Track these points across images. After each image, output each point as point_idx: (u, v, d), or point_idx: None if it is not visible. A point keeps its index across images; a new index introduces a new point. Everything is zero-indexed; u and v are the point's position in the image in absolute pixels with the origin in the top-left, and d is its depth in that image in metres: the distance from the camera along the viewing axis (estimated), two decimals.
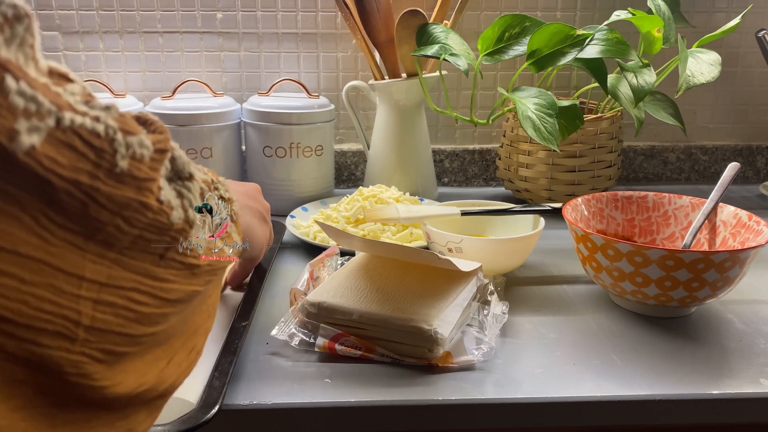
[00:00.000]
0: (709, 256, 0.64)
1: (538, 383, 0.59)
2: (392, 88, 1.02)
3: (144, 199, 0.32)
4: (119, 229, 0.31)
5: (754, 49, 1.18)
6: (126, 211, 0.31)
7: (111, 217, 0.31)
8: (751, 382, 0.60)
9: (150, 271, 0.34)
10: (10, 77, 0.26)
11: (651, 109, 0.99)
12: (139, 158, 0.32)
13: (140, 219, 0.32)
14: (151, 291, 0.34)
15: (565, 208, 0.77)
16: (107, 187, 0.30)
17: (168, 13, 1.12)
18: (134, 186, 0.32)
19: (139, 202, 0.32)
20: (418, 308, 0.62)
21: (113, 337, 0.33)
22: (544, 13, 1.16)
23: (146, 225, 0.33)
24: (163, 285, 0.35)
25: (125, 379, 0.34)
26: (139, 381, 0.36)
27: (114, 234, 0.31)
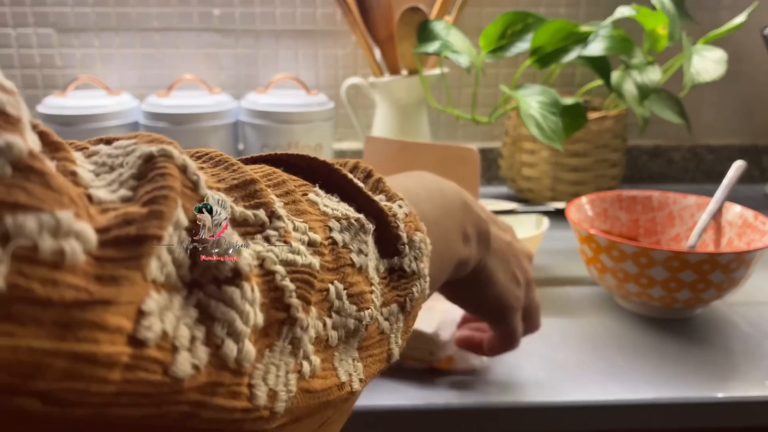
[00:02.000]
0: (714, 257, 0.63)
1: (541, 387, 0.59)
2: (392, 85, 1.01)
3: (82, 349, 0.18)
4: (28, 415, 0.18)
5: (759, 47, 1.17)
6: (36, 380, 0.18)
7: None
8: (757, 385, 0.59)
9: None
10: None
11: (656, 108, 0.98)
12: (48, 261, 0.18)
13: (84, 389, 0.18)
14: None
15: (568, 208, 0.76)
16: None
17: (164, 9, 1.11)
18: (48, 323, 0.17)
19: (69, 356, 0.18)
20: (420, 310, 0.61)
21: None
22: (547, 10, 1.15)
23: (106, 397, 0.19)
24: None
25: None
26: None
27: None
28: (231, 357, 0.22)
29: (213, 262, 0.23)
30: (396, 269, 0.34)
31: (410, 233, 0.34)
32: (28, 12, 1.09)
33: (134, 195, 0.21)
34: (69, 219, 0.18)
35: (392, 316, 0.33)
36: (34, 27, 1.10)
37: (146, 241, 0.20)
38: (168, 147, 0.23)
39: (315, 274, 0.27)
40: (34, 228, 0.17)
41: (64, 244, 0.18)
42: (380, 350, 0.32)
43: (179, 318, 0.21)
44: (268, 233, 0.26)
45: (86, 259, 0.19)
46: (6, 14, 1.09)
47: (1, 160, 0.17)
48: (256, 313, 0.23)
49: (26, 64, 1.10)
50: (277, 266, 0.25)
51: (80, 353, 0.18)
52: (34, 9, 1.09)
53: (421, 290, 0.35)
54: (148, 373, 0.20)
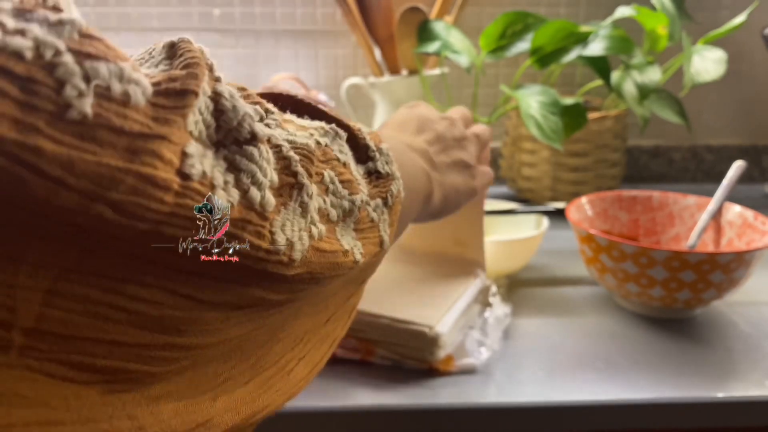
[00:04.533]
0: (714, 257, 0.63)
1: (541, 387, 0.58)
2: (392, 85, 1.01)
3: (145, 171, 0.21)
4: (102, 222, 0.21)
5: (760, 47, 1.17)
6: (112, 191, 0.21)
7: (80, 201, 0.20)
8: (757, 385, 0.59)
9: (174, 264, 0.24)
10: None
11: (656, 107, 0.98)
12: (119, 99, 0.21)
13: (146, 205, 0.22)
14: (168, 286, 0.24)
15: (568, 208, 0.76)
16: (57, 146, 0.19)
17: (164, 9, 1.11)
18: (121, 147, 0.21)
19: (137, 175, 0.21)
20: (420, 310, 0.61)
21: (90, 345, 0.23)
22: (547, 10, 1.15)
23: (162, 215, 0.22)
24: (194, 281, 0.25)
25: (152, 422, 0.26)
26: (186, 421, 0.27)
27: (91, 228, 0.21)
28: (256, 200, 0.26)
29: (234, 126, 0.26)
30: (372, 172, 0.38)
31: (377, 143, 0.40)
32: None
33: (170, 67, 0.26)
34: (129, 69, 0.22)
35: (378, 209, 0.37)
36: None
37: (188, 93, 0.24)
38: (185, 38, 0.28)
39: (313, 151, 0.31)
40: (105, 72, 0.21)
41: (128, 87, 0.22)
42: (372, 235, 0.36)
43: (214, 166, 0.25)
44: (267, 121, 0.30)
45: (145, 102, 0.22)
46: None
47: (69, 28, 0.21)
48: (271, 171, 0.27)
49: None
50: (281, 141, 0.29)
51: (144, 174, 0.21)
52: None
53: (398, 188, 0.40)
54: (194, 201, 0.23)
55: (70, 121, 0.20)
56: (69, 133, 0.20)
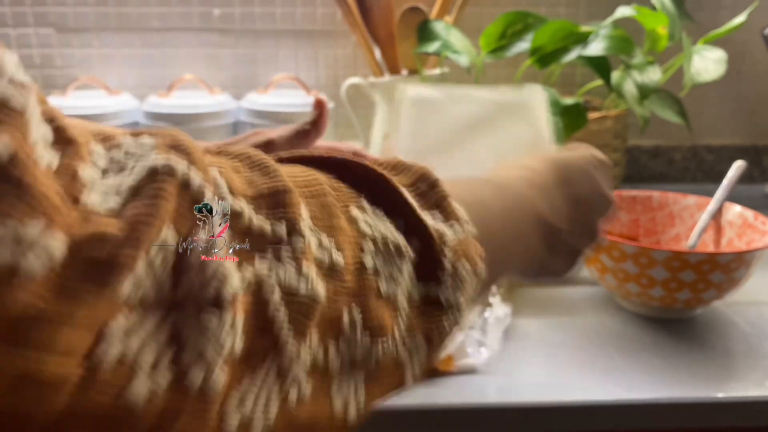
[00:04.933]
0: (714, 257, 0.63)
1: (541, 387, 0.58)
2: (393, 85, 1.01)
3: (25, 367, 0.18)
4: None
5: (760, 47, 1.17)
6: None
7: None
8: (757, 385, 0.59)
9: None
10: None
11: (656, 107, 0.98)
12: (1, 273, 0.17)
13: (29, 408, 0.18)
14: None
15: None
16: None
17: (164, 9, 1.10)
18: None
19: (13, 376, 0.17)
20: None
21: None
22: (547, 10, 1.15)
23: (59, 412, 0.19)
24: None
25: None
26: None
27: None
28: (195, 385, 0.21)
29: (195, 286, 0.22)
30: (431, 297, 0.31)
31: (456, 262, 0.32)
32: (28, 12, 1.09)
33: (122, 209, 0.21)
34: (34, 231, 0.18)
35: (414, 346, 0.31)
36: (34, 27, 1.10)
37: (115, 266, 0.19)
38: (177, 161, 0.22)
39: (317, 304, 0.25)
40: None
41: (22, 257, 0.17)
42: (390, 380, 0.30)
43: (146, 341, 0.20)
44: (280, 252, 0.25)
45: (48, 273, 0.18)
46: (6, 14, 1.09)
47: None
48: (234, 341, 0.22)
49: (26, 64, 1.10)
50: (273, 295, 0.24)
51: (24, 372, 0.17)
52: (34, 9, 1.08)
53: (452, 324, 0.33)
54: (100, 395, 0.19)
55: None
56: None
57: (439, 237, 0.31)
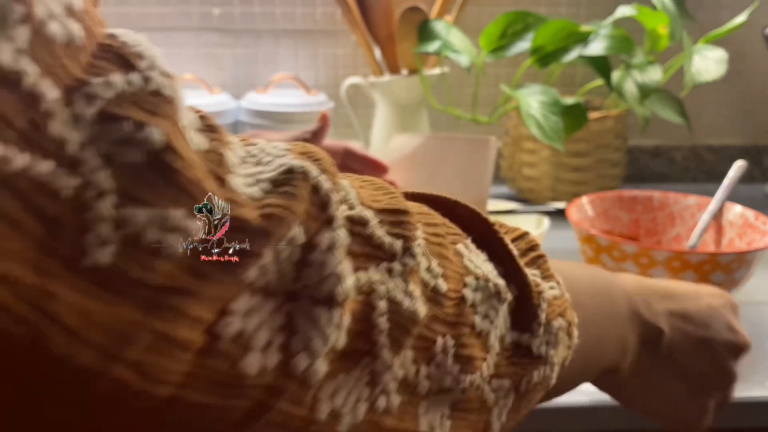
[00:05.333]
0: (715, 258, 0.63)
1: None
2: (393, 85, 1.01)
3: (162, 327, 0.20)
4: (122, 388, 0.20)
5: (760, 47, 1.17)
6: (129, 348, 0.19)
7: (98, 361, 0.19)
8: (757, 385, 0.59)
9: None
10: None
11: (656, 107, 0.98)
12: (148, 249, 0.20)
13: (164, 366, 0.20)
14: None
15: (569, 208, 0.76)
16: (72, 293, 0.18)
17: (164, 9, 1.10)
18: (139, 300, 0.20)
19: (153, 332, 0.20)
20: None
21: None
22: (547, 9, 1.15)
23: (182, 378, 0.21)
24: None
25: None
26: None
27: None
28: (299, 368, 0.23)
29: (313, 281, 0.23)
30: (523, 346, 0.32)
31: (551, 316, 0.33)
32: None
33: (261, 198, 0.23)
34: (178, 216, 0.20)
35: (501, 391, 0.31)
36: None
37: (246, 254, 0.21)
38: (310, 165, 0.24)
39: (416, 321, 0.26)
40: (143, 220, 0.19)
41: (167, 237, 0.20)
42: (477, 418, 0.31)
43: (264, 321, 0.22)
44: (392, 265, 0.26)
45: (186, 251, 0.20)
46: None
47: (139, 150, 0.19)
48: (339, 338, 0.24)
49: None
50: (380, 302, 0.25)
51: (160, 331, 0.19)
52: None
53: (543, 377, 0.33)
54: (218, 362, 0.21)
55: (85, 269, 0.18)
56: (85, 279, 0.18)
57: (537, 289, 0.32)
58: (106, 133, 0.19)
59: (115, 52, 0.21)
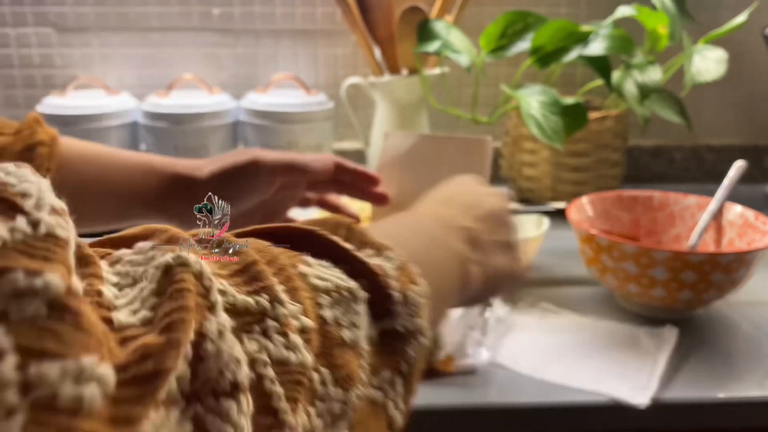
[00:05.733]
0: (715, 258, 0.63)
1: (541, 387, 0.58)
2: (392, 85, 1.01)
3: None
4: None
5: (760, 47, 1.17)
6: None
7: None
8: (758, 385, 0.59)
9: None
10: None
11: (657, 107, 0.98)
12: (67, 408, 0.18)
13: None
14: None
15: (569, 208, 0.76)
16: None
17: (164, 9, 1.10)
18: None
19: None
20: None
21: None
22: (548, 9, 1.14)
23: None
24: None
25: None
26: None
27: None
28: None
29: (213, 376, 0.22)
30: (389, 331, 0.33)
31: (404, 288, 0.33)
32: (28, 11, 1.09)
33: (154, 316, 0.22)
34: (92, 364, 0.18)
35: (385, 384, 0.32)
36: (34, 26, 1.09)
37: (162, 375, 0.20)
38: (183, 254, 0.23)
39: (307, 371, 0.26)
40: (57, 376, 0.17)
41: (84, 390, 0.18)
42: (376, 422, 0.31)
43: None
44: (267, 324, 0.26)
45: (104, 402, 0.18)
46: (5, 14, 1.08)
47: (38, 301, 0.18)
48: (248, 425, 0.23)
49: (25, 64, 1.10)
50: (267, 369, 0.25)
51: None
52: (34, 8, 1.08)
53: (418, 347, 0.34)
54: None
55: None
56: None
57: (382, 271, 0.33)
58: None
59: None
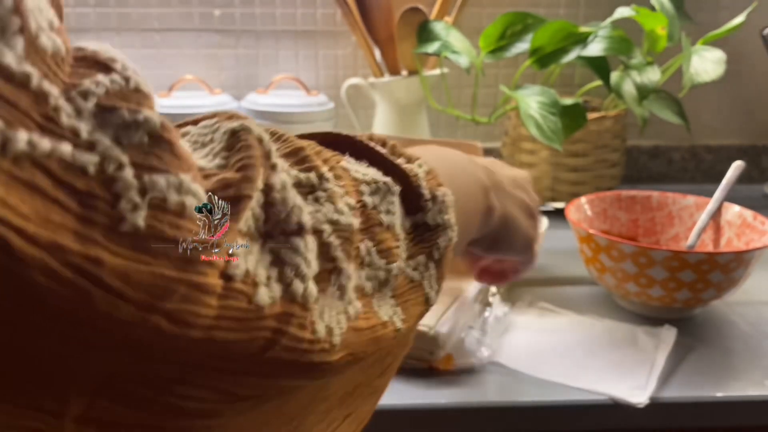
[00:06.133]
0: (713, 257, 0.63)
1: (541, 387, 0.58)
2: (392, 86, 1.01)
3: (197, 279, 0.22)
4: (158, 333, 0.22)
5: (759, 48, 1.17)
6: (165, 301, 0.21)
7: (137, 314, 0.21)
8: (755, 385, 0.59)
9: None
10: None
11: (655, 108, 0.98)
12: (174, 210, 0.22)
13: (196, 312, 0.22)
14: (215, 385, 0.25)
15: (568, 208, 0.76)
16: (114, 257, 0.20)
17: (165, 10, 1.11)
18: (175, 257, 0.22)
19: (189, 284, 0.22)
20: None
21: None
22: (546, 10, 1.15)
23: (210, 320, 0.23)
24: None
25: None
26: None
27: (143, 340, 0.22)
28: (299, 293, 0.26)
29: (282, 217, 0.27)
30: (420, 224, 0.37)
31: (433, 189, 0.38)
32: None
33: (227, 163, 0.26)
34: (188, 180, 0.23)
35: (420, 266, 0.36)
36: None
37: (242, 200, 0.25)
38: (246, 122, 0.27)
39: (354, 231, 0.31)
40: (164, 184, 0.22)
41: (185, 198, 0.22)
42: (416, 295, 0.35)
43: (258, 261, 0.25)
44: (317, 194, 0.30)
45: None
46: None
47: (141, 131, 0.22)
48: (314, 260, 0.27)
49: None
50: (324, 225, 0.29)
51: (195, 282, 0.22)
52: None
53: (447, 239, 0.38)
54: (237, 301, 0.24)
55: (124, 234, 0.21)
56: (124, 245, 0.21)
57: (412, 173, 0.37)
58: (107, 121, 0.22)
59: (91, 59, 0.23)
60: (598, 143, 1.03)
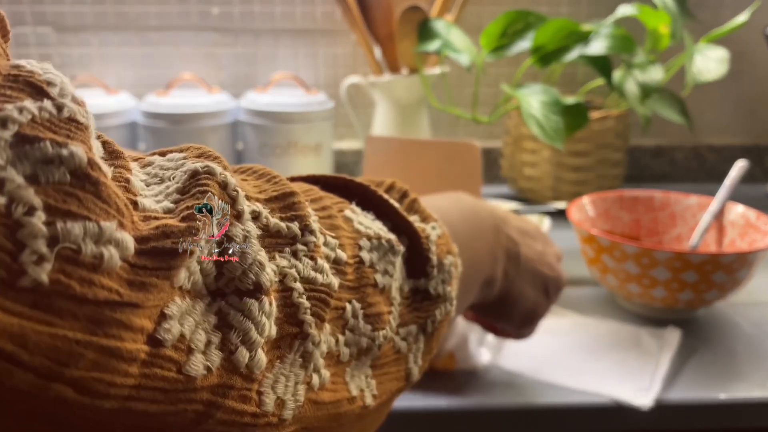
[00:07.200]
0: (716, 258, 0.63)
1: (542, 388, 0.58)
2: (393, 84, 1.00)
3: (109, 343, 0.20)
4: (62, 403, 0.19)
5: (761, 46, 1.17)
6: (71, 368, 0.19)
7: (36, 382, 0.18)
8: (759, 386, 0.59)
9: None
10: None
11: (658, 107, 0.98)
12: (88, 263, 0.19)
13: (109, 380, 0.20)
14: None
15: (570, 208, 0.76)
16: (7, 316, 0.18)
17: (163, 8, 1.10)
18: (83, 317, 0.19)
19: (98, 349, 0.19)
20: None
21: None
22: (548, 8, 1.14)
23: (128, 389, 0.20)
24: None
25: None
26: None
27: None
28: (243, 363, 0.24)
29: (237, 274, 0.24)
30: (421, 291, 0.35)
31: (441, 256, 0.35)
32: (26, 11, 1.08)
33: (175, 208, 0.23)
34: (111, 228, 0.20)
35: (410, 337, 0.33)
36: (32, 26, 1.09)
37: (179, 254, 0.22)
38: (212, 164, 0.25)
39: (332, 293, 0.28)
40: (79, 234, 0.19)
41: (104, 249, 0.20)
42: (396, 369, 0.33)
43: (199, 323, 0.23)
44: (297, 247, 0.27)
45: (122, 264, 0.20)
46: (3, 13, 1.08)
47: (63, 168, 0.20)
48: (270, 325, 0.25)
49: None
50: (296, 284, 0.26)
51: (107, 347, 0.19)
52: (32, 8, 1.08)
53: (444, 312, 0.35)
54: (164, 370, 0.21)
55: (22, 289, 0.18)
56: (21, 302, 0.18)
57: (424, 234, 0.35)
58: (25, 154, 0.19)
59: (24, 80, 0.21)
60: (600, 143, 1.02)
